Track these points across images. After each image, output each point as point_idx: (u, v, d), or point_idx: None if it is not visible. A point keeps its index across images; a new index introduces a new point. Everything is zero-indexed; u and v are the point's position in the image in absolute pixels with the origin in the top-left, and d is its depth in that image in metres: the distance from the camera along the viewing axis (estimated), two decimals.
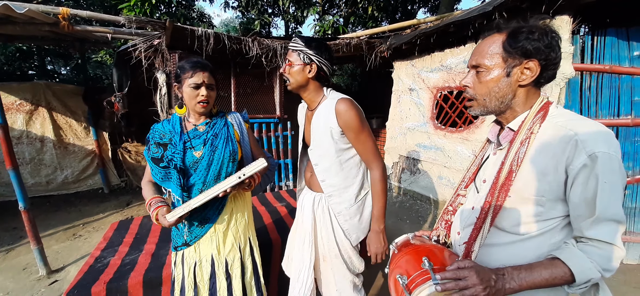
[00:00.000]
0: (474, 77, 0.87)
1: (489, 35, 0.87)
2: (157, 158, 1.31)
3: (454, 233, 1.02)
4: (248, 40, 3.08)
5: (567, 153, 0.74)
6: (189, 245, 1.34)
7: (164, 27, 2.61)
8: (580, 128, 0.75)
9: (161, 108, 3.07)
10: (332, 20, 5.21)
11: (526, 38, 0.79)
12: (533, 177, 0.80)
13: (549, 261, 0.77)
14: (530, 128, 0.82)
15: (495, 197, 0.84)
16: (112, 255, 2.03)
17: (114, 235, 2.35)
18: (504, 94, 0.84)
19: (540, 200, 0.79)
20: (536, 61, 0.79)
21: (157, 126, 1.40)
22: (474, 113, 0.91)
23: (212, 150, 1.32)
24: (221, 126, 1.38)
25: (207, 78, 1.29)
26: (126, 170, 5.39)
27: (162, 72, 3.01)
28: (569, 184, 0.76)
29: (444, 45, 3.68)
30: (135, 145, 5.45)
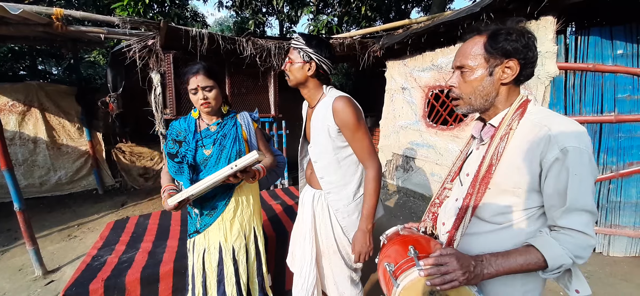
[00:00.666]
0: (459, 77, 0.92)
1: (470, 38, 0.92)
2: (173, 153, 1.43)
3: (440, 224, 1.07)
4: (242, 40, 3.12)
5: (541, 148, 0.79)
6: (199, 232, 1.46)
7: (158, 28, 2.63)
8: (554, 124, 0.80)
9: (156, 109, 3.08)
10: (326, 19, 5.25)
11: (505, 39, 0.84)
12: (511, 170, 0.85)
13: (524, 248, 0.82)
14: (509, 125, 0.87)
15: (476, 189, 0.89)
16: (109, 253, 2.06)
17: (110, 234, 2.38)
18: (488, 92, 0.90)
19: (517, 192, 0.85)
20: (516, 60, 0.85)
21: (175, 123, 1.52)
22: (460, 111, 0.96)
23: (221, 149, 1.43)
24: (230, 126, 1.49)
25: (201, 81, 1.34)
26: (120, 170, 5.37)
27: (157, 72, 3.02)
28: (543, 176, 0.81)
29: (435, 45, 3.75)
30: (130, 146, 5.44)
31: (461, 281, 0.78)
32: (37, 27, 2.68)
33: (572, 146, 0.76)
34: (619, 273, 2.49)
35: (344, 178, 1.38)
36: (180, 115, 3.26)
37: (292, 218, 2.47)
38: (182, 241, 2.18)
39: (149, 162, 5.55)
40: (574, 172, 0.76)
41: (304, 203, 1.53)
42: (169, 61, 3.04)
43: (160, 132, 3.13)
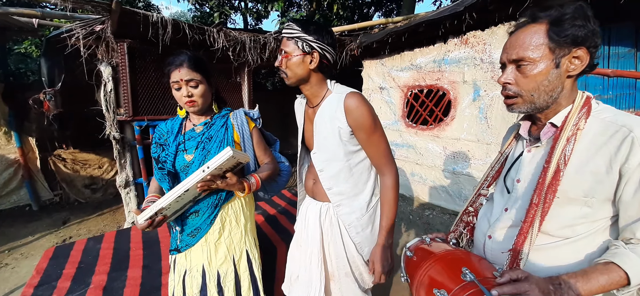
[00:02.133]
0: (515, 73, 0.81)
1: (522, 27, 0.81)
2: (156, 158, 1.30)
3: (481, 237, 0.95)
4: (213, 31, 2.76)
5: (622, 152, 0.71)
6: (180, 251, 1.28)
7: (109, 10, 2.18)
8: (635, 125, 0.71)
9: (107, 108, 2.59)
10: (299, 16, 5.00)
11: (573, 25, 0.74)
12: (582, 176, 0.75)
13: (603, 266, 0.72)
14: (576, 124, 0.77)
15: (542, 198, 0.78)
16: (49, 293, 1.61)
17: (49, 265, 1.89)
18: (554, 87, 0.79)
19: (589, 201, 0.76)
20: (585, 48, 0.75)
21: (161, 124, 1.37)
22: (518, 110, 0.84)
23: (204, 154, 1.25)
24: (219, 127, 1.30)
25: (186, 74, 1.17)
26: (60, 181, 4.58)
27: (107, 64, 2.53)
28: (622, 184, 0.72)
29: (414, 45, 3.72)
30: (72, 152, 4.68)
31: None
32: None
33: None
34: None
35: (356, 187, 1.19)
36: (137, 116, 2.78)
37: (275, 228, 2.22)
38: (147, 270, 1.80)
39: (96, 171, 4.83)
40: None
41: (308, 219, 1.29)
42: (123, 51, 2.56)
43: (113, 136, 2.63)
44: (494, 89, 2.99)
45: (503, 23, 2.85)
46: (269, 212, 2.52)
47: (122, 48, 2.55)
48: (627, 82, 2.55)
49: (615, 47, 2.56)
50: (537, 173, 0.84)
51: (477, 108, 3.15)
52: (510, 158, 0.97)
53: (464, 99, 3.26)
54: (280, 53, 1.11)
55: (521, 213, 0.84)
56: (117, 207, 4.47)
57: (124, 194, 2.81)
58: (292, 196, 2.82)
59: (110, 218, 4.07)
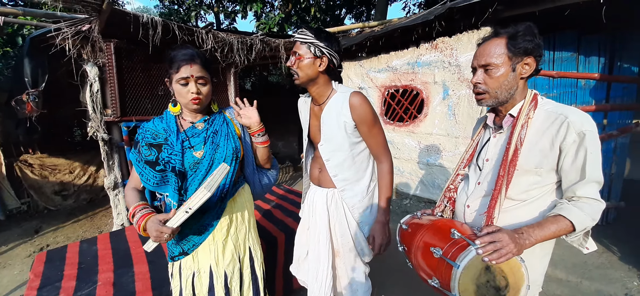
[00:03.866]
0: (484, 75, 1.03)
1: (488, 40, 1.04)
2: (152, 161, 1.18)
3: (461, 206, 1.16)
4: (202, 32, 2.81)
5: (561, 133, 0.93)
6: (187, 253, 1.24)
7: (99, 10, 2.17)
8: (569, 113, 0.94)
9: (93, 109, 2.54)
10: (278, 17, 5.12)
11: (524, 39, 0.97)
12: (533, 153, 0.98)
13: (553, 217, 0.93)
14: (527, 114, 1.00)
15: (507, 171, 1.00)
16: (55, 293, 1.62)
17: (46, 269, 1.88)
18: (511, 86, 1.01)
19: (539, 171, 0.98)
20: (533, 57, 0.98)
21: (148, 125, 1.25)
22: (485, 104, 1.06)
23: (214, 148, 1.22)
24: (220, 122, 1.28)
25: (197, 71, 1.14)
26: (28, 188, 4.31)
27: (93, 64, 2.49)
28: (562, 157, 0.95)
29: (390, 48, 4.00)
30: (40, 157, 4.41)
31: (514, 253, 0.86)
32: None
33: (588, 130, 0.90)
34: None
35: (358, 173, 1.38)
36: (124, 116, 2.75)
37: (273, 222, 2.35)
38: (154, 265, 1.86)
39: (67, 176, 4.60)
40: (590, 150, 0.90)
41: (315, 205, 1.46)
42: (110, 51, 2.54)
43: (101, 137, 2.59)
44: (461, 89, 3.35)
45: (467, 31, 3.21)
46: (263, 207, 2.64)
47: (109, 48, 2.53)
48: (570, 81, 3.01)
49: (559, 51, 3.01)
50: (501, 153, 1.06)
51: (446, 106, 3.50)
52: (480, 143, 1.18)
53: (435, 98, 3.60)
54: (293, 54, 1.27)
55: (491, 185, 1.05)
56: (94, 213, 4.30)
57: (113, 196, 2.77)
58: (283, 192, 2.96)
59: (88, 224, 3.91)
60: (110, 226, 3.74)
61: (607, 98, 2.98)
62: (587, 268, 2.55)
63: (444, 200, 1.23)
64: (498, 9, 2.80)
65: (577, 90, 3.00)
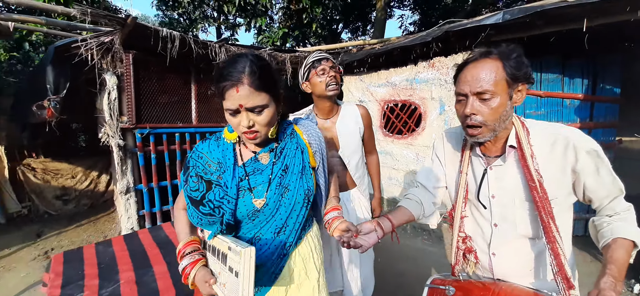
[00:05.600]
0: (480, 105, 0.87)
1: (479, 61, 0.87)
2: (196, 199, 0.92)
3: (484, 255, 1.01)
4: (215, 45, 2.98)
5: (569, 157, 0.86)
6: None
7: (123, 24, 2.32)
8: (567, 133, 0.88)
9: (110, 115, 2.66)
10: (282, 31, 5.33)
11: (523, 63, 0.86)
12: (550, 182, 0.88)
13: (614, 243, 0.82)
14: (527, 142, 0.90)
15: (546, 213, 0.86)
16: (79, 291, 1.70)
17: (66, 269, 1.95)
18: (508, 116, 0.89)
19: (559, 199, 0.89)
20: (525, 84, 0.89)
21: (202, 148, 0.96)
22: (482, 139, 0.91)
23: (281, 193, 0.93)
24: (293, 151, 0.97)
25: (246, 98, 0.80)
26: (29, 192, 4.32)
27: (113, 74, 2.62)
28: (581, 179, 0.86)
29: (389, 65, 4.23)
30: (43, 161, 4.45)
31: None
32: None
33: (593, 147, 0.86)
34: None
35: (363, 168, 1.69)
36: (139, 123, 2.87)
37: None
38: (171, 266, 1.95)
39: (69, 181, 4.63)
40: (606, 164, 0.86)
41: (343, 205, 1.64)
42: (129, 62, 2.68)
43: (116, 143, 2.69)
44: None
45: (462, 52, 3.45)
46: None
47: (128, 59, 2.67)
48: (556, 101, 3.26)
49: (546, 73, 3.26)
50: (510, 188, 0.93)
51: (443, 120, 3.71)
52: (471, 176, 1.02)
53: (432, 113, 3.81)
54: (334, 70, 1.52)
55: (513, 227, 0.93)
56: (96, 218, 4.32)
57: (124, 200, 2.85)
58: None
59: (91, 228, 3.95)
60: (114, 231, 3.78)
61: (590, 117, 3.23)
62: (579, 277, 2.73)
63: (463, 254, 1.04)
64: (490, 34, 3.05)
65: (562, 109, 3.24)
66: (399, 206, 1.12)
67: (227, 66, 0.83)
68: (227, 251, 0.82)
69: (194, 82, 3.27)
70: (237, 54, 0.89)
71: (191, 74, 3.24)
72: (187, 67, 3.16)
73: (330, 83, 1.48)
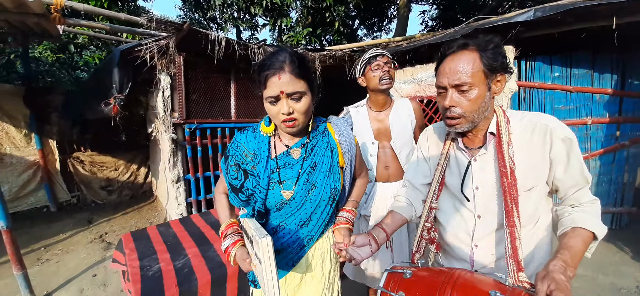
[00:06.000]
0: (459, 97, 0.87)
1: (456, 53, 0.88)
2: (236, 187, 1.01)
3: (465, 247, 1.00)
4: (255, 47, 3.20)
5: (547, 143, 0.87)
6: (257, 287, 1.09)
7: (179, 29, 2.56)
8: (547, 120, 0.89)
9: (164, 111, 2.92)
10: (306, 31, 5.52)
11: (499, 53, 0.86)
12: (528, 169, 0.89)
13: (572, 232, 0.83)
14: (507, 130, 0.91)
15: (513, 199, 0.87)
16: (156, 262, 1.95)
17: (138, 246, 2.21)
18: (487, 107, 0.90)
19: (537, 187, 0.90)
20: (504, 75, 0.89)
21: (241, 138, 1.03)
22: (461, 130, 0.92)
23: (307, 188, 0.98)
24: (323, 149, 1.02)
25: (287, 84, 0.87)
26: (78, 183, 4.70)
27: (167, 74, 2.88)
28: (553, 166, 0.88)
29: (416, 62, 4.35)
30: (90, 155, 4.81)
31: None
32: (30, 17, 2.36)
33: (568, 135, 0.87)
34: None
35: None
36: (188, 119, 3.13)
37: None
38: None
39: (112, 173, 4.99)
40: (578, 155, 0.87)
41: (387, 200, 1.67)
42: (180, 63, 2.93)
43: (170, 137, 2.97)
44: None
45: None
46: None
47: (179, 60, 2.92)
48: (585, 96, 3.32)
49: (576, 69, 3.32)
50: (491, 177, 0.93)
51: None
52: (454, 168, 1.01)
53: None
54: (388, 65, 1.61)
55: (495, 217, 0.93)
56: (139, 207, 4.66)
57: (175, 189, 3.13)
58: None
59: (137, 216, 4.27)
60: (158, 218, 4.09)
61: (619, 112, 3.27)
62: (602, 265, 2.80)
63: (422, 243, 1.05)
64: (520, 30, 3.13)
65: (592, 104, 3.29)
66: (390, 211, 1.11)
67: (269, 57, 0.91)
68: (253, 237, 0.88)
69: (233, 81, 3.50)
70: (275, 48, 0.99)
71: (231, 73, 3.47)
72: (227, 67, 3.39)
73: (383, 78, 1.57)
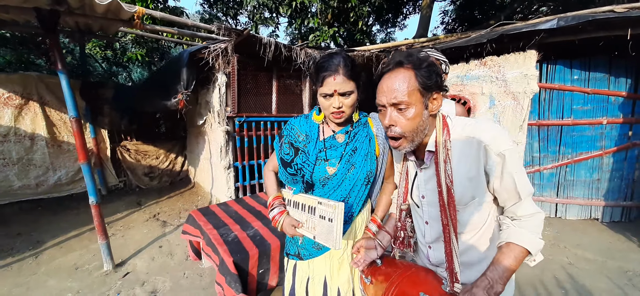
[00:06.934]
0: (397, 115, 0.88)
1: (393, 71, 0.88)
2: (287, 161, 1.19)
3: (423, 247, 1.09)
4: (297, 48, 3.54)
5: (481, 158, 0.88)
6: (302, 258, 1.24)
7: (239, 34, 2.92)
8: (481, 134, 0.88)
9: (220, 106, 3.30)
10: (332, 31, 5.83)
11: (433, 72, 0.86)
12: (465, 185, 0.91)
13: (506, 248, 0.86)
14: (445, 146, 0.91)
15: (449, 216, 0.91)
16: (231, 231, 2.31)
17: (210, 219, 2.56)
18: (425, 125, 0.91)
19: (477, 199, 0.93)
20: (439, 93, 0.90)
21: (294, 122, 1.24)
22: (403, 150, 0.93)
23: (348, 168, 1.15)
24: (363, 137, 1.18)
25: (340, 85, 1.03)
26: (125, 169, 5.15)
27: (223, 73, 3.25)
28: (490, 179, 0.89)
29: None
30: (135, 144, 5.24)
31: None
32: (117, 23, 2.73)
33: (505, 149, 0.85)
34: (577, 229, 3.59)
35: None
36: (240, 113, 3.51)
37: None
38: None
39: (154, 161, 5.41)
40: (515, 170, 0.86)
41: None
42: (234, 63, 3.30)
43: (225, 129, 3.35)
44: (506, 100, 3.94)
45: (514, 52, 3.81)
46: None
47: (234, 61, 3.29)
48: (602, 97, 3.59)
49: (594, 72, 3.58)
50: (434, 190, 0.96)
51: (492, 114, 4.10)
52: (409, 176, 1.07)
53: (482, 107, 4.21)
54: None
55: (439, 224, 0.96)
56: (180, 192, 5.09)
57: (226, 174, 3.51)
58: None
59: (182, 200, 4.69)
60: (202, 201, 4.50)
61: (632, 113, 3.53)
62: (611, 251, 3.10)
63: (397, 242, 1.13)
64: (543, 36, 3.40)
65: (608, 105, 3.56)
66: (391, 213, 1.21)
67: (325, 60, 1.06)
68: (317, 205, 1.06)
69: (275, 79, 3.85)
70: (330, 51, 1.14)
71: (273, 72, 3.83)
72: (270, 67, 3.74)
73: None
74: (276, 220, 1.18)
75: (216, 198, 4.00)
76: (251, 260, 1.99)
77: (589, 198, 3.83)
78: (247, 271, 1.95)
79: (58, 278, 2.73)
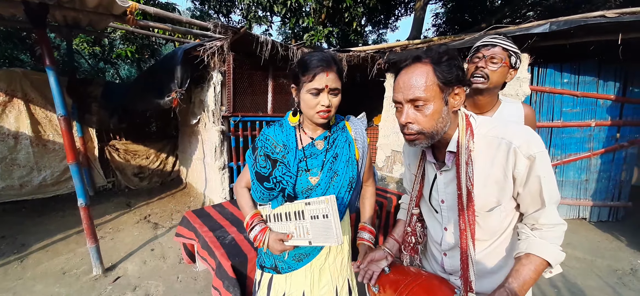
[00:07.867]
0: (415, 113, 0.84)
1: (410, 66, 0.85)
2: (264, 175, 1.09)
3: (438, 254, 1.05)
4: (294, 47, 3.51)
5: (510, 161, 0.82)
6: (280, 272, 1.15)
7: (235, 32, 2.86)
8: (513, 137, 0.83)
9: (215, 105, 3.23)
10: (326, 31, 5.81)
11: (454, 65, 0.82)
12: (489, 189, 0.86)
13: (526, 259, 0.83)
14: (467, 147, 0.87)
15: (467, 222, 0.87)
16: (227, 233, 2.25)
17: (205, 221, 2.50)
18: (446, 123, 0.86)
19: (502, 205, 0.88)
20: (462, 88, 0.85)
21: (269, 132, 1.14)
22: (420, 146, 0.89)
23: (331, 176, 1.09)
24: (342, 143, 1.13)
25: (332, 81, 0.99)
26: (114, 169, 5.00)
27: (218, 71, 3.18)
28: (516, 184, 0.85)
29: None
30: (124, 143, 5.10)
31: None
32: (108, 18, 2.64)
33: (536, 151, 0.81)
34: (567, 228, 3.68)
35: None
36: (236, 112, 3.45)
37: None
38: None
39: (144, 161, 5.28)
40: (543, 174, 0.81)
41: None
42: (230, 62, 3.23)
43: (220, 128, 3.28)
44: None
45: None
46: None
47: (229, 59, 3.22)
48: (591, 101, 3.69)
49: (583, 76, 3.68)
50: (454, 194, 0.91)
51: None
52: (426, 179, 1.02)
53: None
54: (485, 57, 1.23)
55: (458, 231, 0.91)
56: (172, 193, 4.97)
57: (221, 174, 3.44)
58: None
59: (173, 201, 4.58)
60: (195, 203, 4.41)
61: (620, 116, 3.64)
62: (600, 250, 3.19)
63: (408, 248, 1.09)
64: (535, 40, 3.47)
65: (596, 108, 3.66)
66: (398, 219, 1.20)
67: (318, 56, 1.00)
68: (305, 207, 1.00)
69: (271, 78, 3.81)
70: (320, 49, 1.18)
71: (269, 71, 3.78)
72: (266, 65, 3.70)
73: (476, 74, 1.24)
74: (259, 239, 1.08)
75: (209, 199, 3.93)
76: (250, 263, 1.94)
77: (578, 198, 3.94)
78: (245, 275, 1.91)
79: (45, 283, 2.62)
